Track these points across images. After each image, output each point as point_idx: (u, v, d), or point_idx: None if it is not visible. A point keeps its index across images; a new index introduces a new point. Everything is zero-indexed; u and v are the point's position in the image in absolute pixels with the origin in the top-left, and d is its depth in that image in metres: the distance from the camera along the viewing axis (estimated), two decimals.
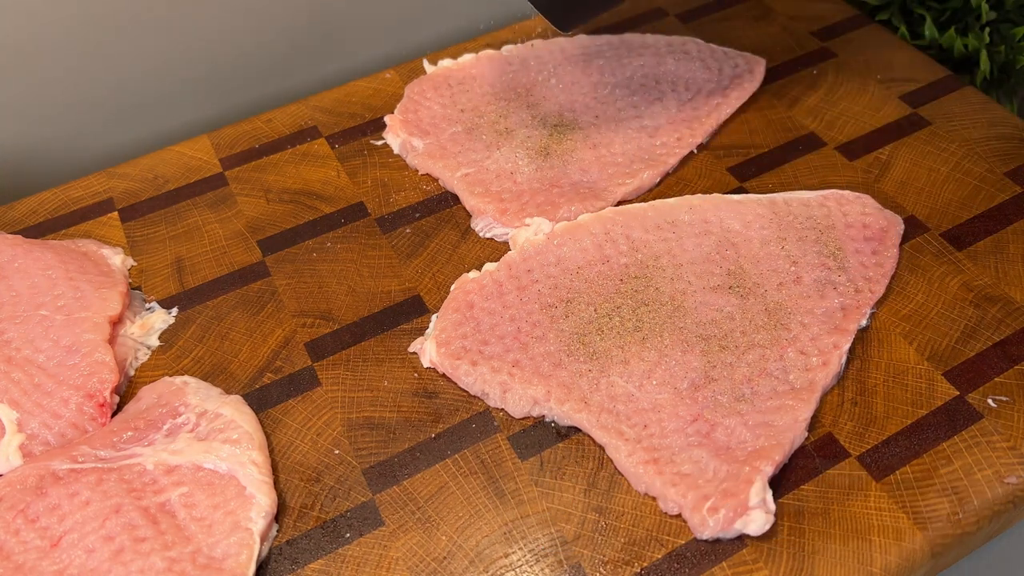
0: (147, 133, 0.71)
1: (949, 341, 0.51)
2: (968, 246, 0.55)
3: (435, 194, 0.61)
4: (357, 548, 0.44)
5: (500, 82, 0.66)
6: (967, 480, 0.45)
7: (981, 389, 0.48)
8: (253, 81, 0.72)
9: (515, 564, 0.43)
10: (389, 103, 0.67)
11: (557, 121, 0.63)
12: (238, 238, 0.59)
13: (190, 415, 0.47)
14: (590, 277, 0.53)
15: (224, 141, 0.65)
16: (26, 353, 0.50)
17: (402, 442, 0.48)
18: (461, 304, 0.52)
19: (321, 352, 0.52)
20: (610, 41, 0.69)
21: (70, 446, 0.46)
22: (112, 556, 0.42)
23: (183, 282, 0.56)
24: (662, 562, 0.43)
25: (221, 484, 0.45)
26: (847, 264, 0.53)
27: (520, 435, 0.48)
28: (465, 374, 0.49)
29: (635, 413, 0.47)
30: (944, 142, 0.62)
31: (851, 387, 0.49)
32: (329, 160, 0.64)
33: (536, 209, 0.57)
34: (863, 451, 0.46)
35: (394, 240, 0.58)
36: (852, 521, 0.44)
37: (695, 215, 0.56)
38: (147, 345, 0.53)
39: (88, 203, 0.61)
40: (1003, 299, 0.52)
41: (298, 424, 0.49)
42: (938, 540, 0.43)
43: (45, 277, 0.53)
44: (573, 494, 0.45)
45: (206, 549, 0.42)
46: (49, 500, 0.43)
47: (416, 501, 0.46)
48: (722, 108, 0.64)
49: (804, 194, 0.57)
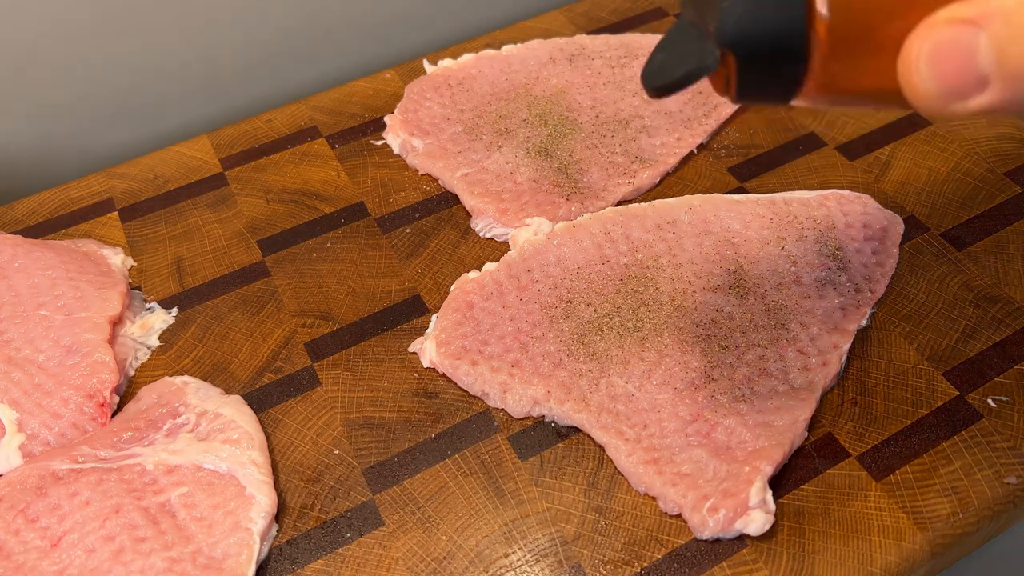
0: (147, 133, 0.71)
1: (949, 341, 0.51)
2: (968, 246, 0.55)
3: (435, 194, 0.61)
4: (357, 548, 0.44)
5: (500, 82, 0.66)
6: (967, 480, 0.45)
7: (981, 389, 0.48)
8: (253, 81, 0.72)
9: (515, 564, 0.43)
10: (389, 103, 0.67)
11: (557, 121, 0.63)
12: (238, 238, 0.59)
13: (190, 415, 0.47)
14: (590, 277, 0.53)
15: (224, 141, 0.65)
16: (26, 353, 0.50)
17: (402, 442, 0.48)
18: (461, 304, 0.52)
19: (321, 352, 0.52)
20: (609, 41, 0.69)
21: (70, 446, 0.46)
22: (112, 556, 0.42)
23: (183, 282, 0.56)
24: (662, 562, 0.43)
25: (221, 484, 0.45)
26: (847, 264, 0.53)
27: (520, 435, 0.48)
28: (465, 374, 0.49)
29: (635, 413, 0.47)
30: (944, 142, 0.62)
31: (851, 387, 0.49)
32: (329, 160, 0.64)
33: (536, 209, 0.57)
34: (863, 451, 0.46)
35: (394, 240, 0.58)
36: (852, 521, 0.44)
37: (695, 215, 0.56)
38: (147, 345, 0.53)
39: (88, 203, 0.61)
40: (1003, 299, 0.52)
41: (298, 424, 0.49)
42: (938, 540, 0.43)
43: (45, 277, 0.53)
44: (573, 494, 0.45)
45: (206, 549, 0.42)
46: (49, 500, 0.43)
47: (416, 501, 0.46)
48: (722, 108, 0.64)
49: (804, 194, 0.57)
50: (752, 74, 0.30)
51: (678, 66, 0.32)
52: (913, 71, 0.27)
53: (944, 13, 0.27)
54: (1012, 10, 0.26)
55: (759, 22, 0.29)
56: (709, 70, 0.31)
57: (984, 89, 0.27)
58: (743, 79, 0.30)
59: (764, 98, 0.31)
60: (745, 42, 0.29)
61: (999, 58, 0.26)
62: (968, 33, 0.26)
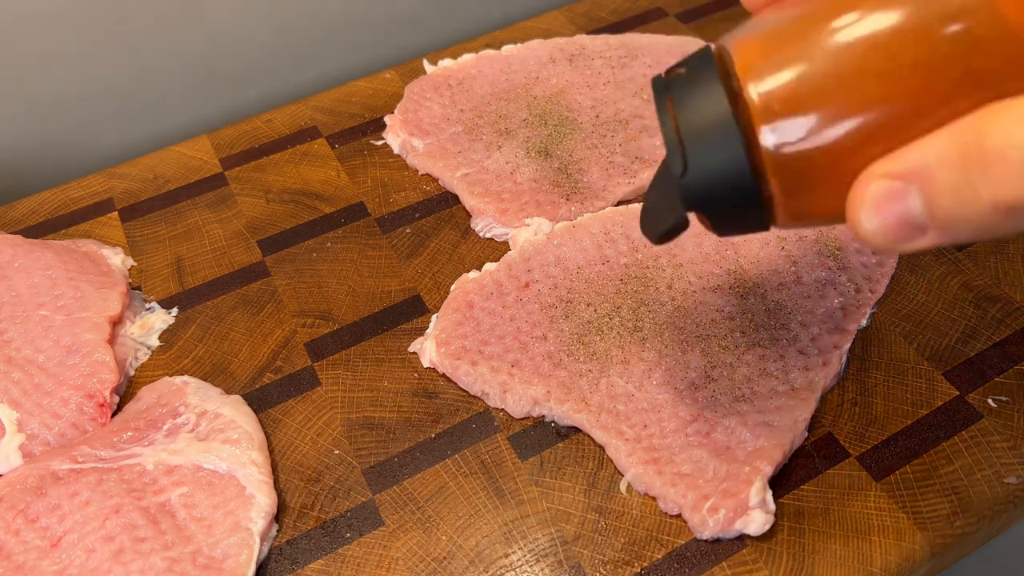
0: (147, 133, 0.71)
1: (949, 341, 0.51)
2: (968, 246, 0.55)
3: (435, 194, 0.61)
4: (357, 548, 0.44)
5: (500, 82, 0.66)
6: (967, 480, 0.45)
7: (981, 389, 0.48)
8: (253, 81, 0.72)
9: (515, 564, 0.43)
10: (389, 103, 0.67)
11: (557, 121, 0.63)
12: (238, 238, 0.59)
13: (190, 415, 0.47)
14: (590, 277, 0.53)
15: (224, 141, 0.65)
16: (26, 353, 0.50)
17: (402, 442, 0.48)
18: (461, 304, 0.52)
19: (321, 352, 0.52)
20: (610, 41, 0.69)
21: (70, 446, 0.46)
22: (112, 556, 0.42)
23: (183, 282, 0.56)
24: (662, 562, 0.43)
25: (221, 484, 0.45)
26: (847, 264, 0.53)
27: (520, 435, 0.48)
28: (465, 374, 0.49)
29: (635, 413, 0.47)
30: None
31: (851, 387, 0.49)
32: (329, 160, 0.64)
33: (536, 209, 0.57)
34: (863, 451, 0.46)
35: (394, 240, 0.58)
36: (852, 521, 0.44)
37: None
38: (147, 345, 0.53)
39: (88, 203, 0.61)
40: (1003, 299, 0.52)
41: (298, 424, 0.49)
42: (938, 540, 0.43)
43: (45, 277, 0.53)
44: (573, 494, 0.45)
45: (206, 549, 0.42)
46: (49, 500, 0.43)
47: (416, 501, 0.46)
48: None
49: None
50: (722, 224, 0.33)
51: (661, 221, 0.35)
52: (858, 219, 0.29)
53: (878, 167, 0.28)
54: (933, 166, 0.27)
55: (714, 191, 0.31)
56: (684, 227, 0.34)
57: (925, 232, 0.28)
58: (717, 228, 0.33)
59: (742, 233, 0.33)
60: (707, 208, 0.32)
61: (930, 211, 0.27)
62: (899, 188, 0.28)
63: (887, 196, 0.28)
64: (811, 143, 0.29)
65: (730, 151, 0.30)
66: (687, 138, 0.31)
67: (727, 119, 0.30)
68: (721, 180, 0.31)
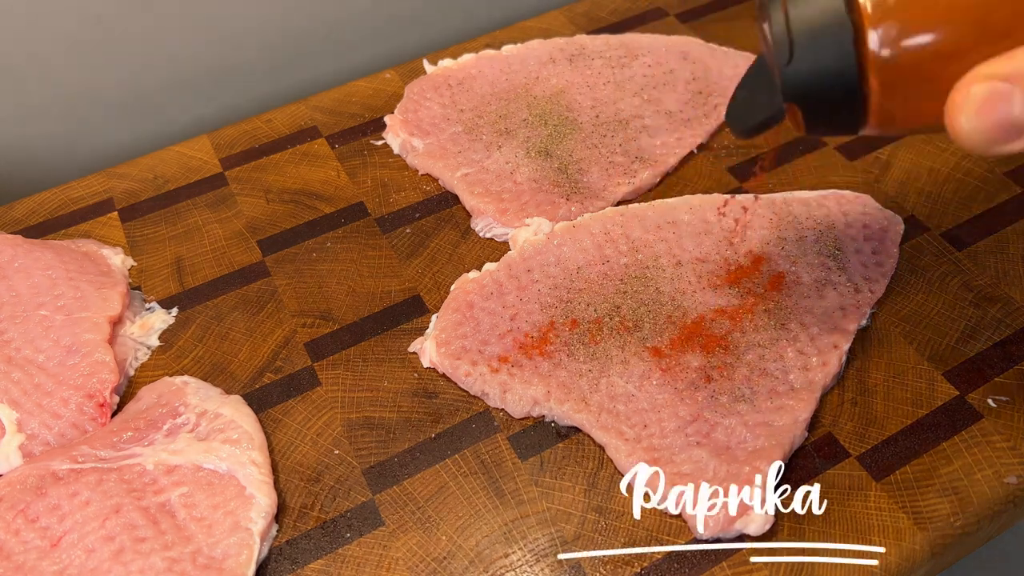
0: (147, 133, 0.71)
1: (949, 341, 0.51)
2: (968, 246, 0.55)
3: (435, 194, 0.61)
4: (357, 548, 0.44)
5: (500, 82, 0.66)
6: (967, 480, 0.45)
7: (981, 389, 0.48)
8: (253, 81, 0.72)
9: (515, 564, 0.43)
10: (389, 103, 0.67)
11: (557, 121, 0.63)
12: (238, 238, 0.59)
13: (190, 415, 0.47)
14: (590, 277, 0.53)
15: (224, 141, 0.65)
16: (26, 353, 0.50)
17: (402, 442, 0.48)
18: (461, 304, 0.52)
19: (321, 352, 0.52)
20: (610, 41, 0.69)
21: (70, 446, 0.46)
22: (112, 556, 0.42)
23: (183, 282, 0.56)
24: (662, 562, 0.43)
25: (221, 484, 0.45)
26: (847, 264, 0.53)
27: (520, 435, 0.48)
28: (465, 374, 0.49)
29: (635, 413, 0.47)
30: (944, 142, 0.62)
31: (851, 387, 0.49)
32: (329, 160, 0.64)
33: (536, 209, 0.57)
34: (863, 451, 0.46)
35: (394, 240, 0.58)
36: (852, 521, 0.44)
37: (695, 215, 0.56)
38: (147, 345, 0.53)
39: (88, 203, 0.61)
40: (1003, 299, 0.52)
41: (298, 424, 0.49)
42: (938, 540, 0.43)
43: (45, 277, 0.53)
44: (573, 494, 0.45)
45: (206, 549, 0.42)
46: (49, 500, 0.43)
47: (416, 501, 0.46)
48: (722, 108, 0.64)
49: (804, 194, 0.57)
50: (816, 120, 0.34)
51: (755, 114, 0.37)
52: (957, 120, 0.30)
53: (983, 68, 0.29)
54: None
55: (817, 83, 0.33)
56: (779, 120, 0.35)
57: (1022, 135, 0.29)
58: (809, 123, 0.34)
59: (830, 134, 0.35)
60: (806, 100, 0.33)
61: None
62: (1003, 89, 0.29)
63: (990, 96, 0.29)
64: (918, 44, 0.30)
65: (839, 43, 0.32)
66: (796, 28, 0.32)
67: (840, 11, 0.31)
68: (826, 71, 0.32)
